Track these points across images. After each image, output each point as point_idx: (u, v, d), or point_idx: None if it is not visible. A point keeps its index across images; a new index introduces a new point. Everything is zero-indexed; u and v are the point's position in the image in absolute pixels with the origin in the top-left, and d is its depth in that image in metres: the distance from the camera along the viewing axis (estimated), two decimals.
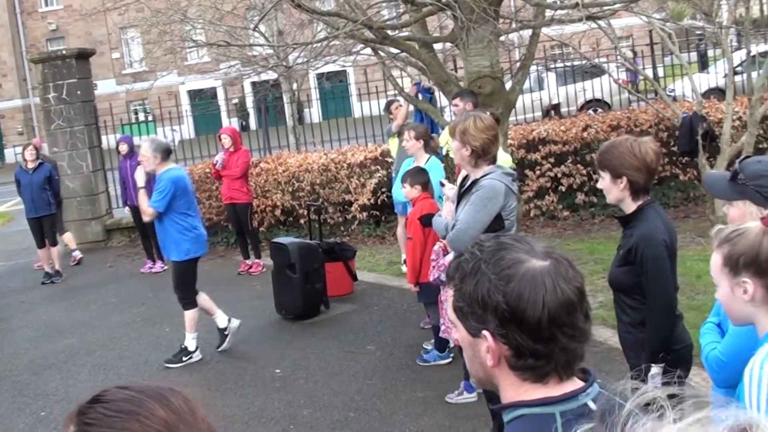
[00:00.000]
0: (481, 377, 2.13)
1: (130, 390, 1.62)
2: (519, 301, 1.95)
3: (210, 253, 15.45)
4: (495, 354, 2.02)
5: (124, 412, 1.57)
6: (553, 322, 1.96)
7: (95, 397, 1.63)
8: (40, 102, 19.07)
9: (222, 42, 14.99)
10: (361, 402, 7.84)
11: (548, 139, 14.18)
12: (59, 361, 10.45)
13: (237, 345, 10.05)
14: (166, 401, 1.58)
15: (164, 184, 9.24)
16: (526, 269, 1.98)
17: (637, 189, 4.61)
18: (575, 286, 2.01)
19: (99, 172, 18.11)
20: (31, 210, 15.11)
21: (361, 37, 11.52)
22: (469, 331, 2.06)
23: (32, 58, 19.61)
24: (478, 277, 2.00)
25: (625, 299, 4.77)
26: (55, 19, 60.76)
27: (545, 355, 1.98)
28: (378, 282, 12.12)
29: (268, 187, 15.12)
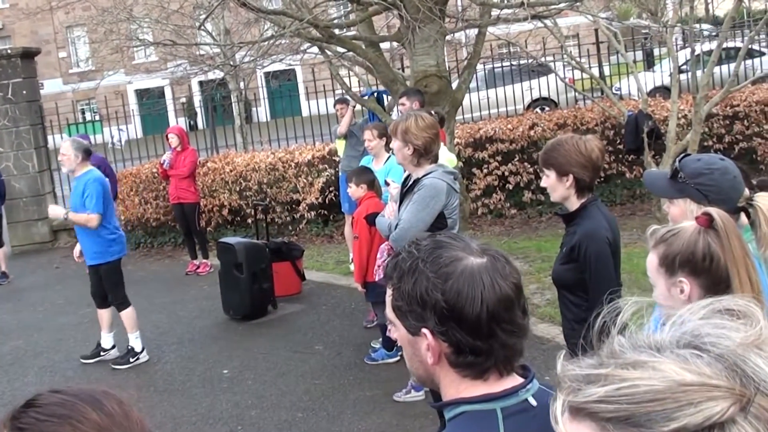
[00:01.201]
0: (422, 375, 2.14)
1: (64, 394, 1.62)
2: (458, 299, 1.96)
3: (157, 253, 15.45)
4: (435, 352, 2.02)
5: (56, 416, 1.57)
6: (492, 318, 1.97)
7: (28, 402, 1.63)
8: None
9: (168, 41, 14.92)
10: (309, 402, 7.84)
11: (495, 138, 14.26)
12: (5, 363, 10.34)
13: (184, 345, 10.01)
14: (100, 405, 1.58)
15: (94, 186, 9.10)
16: (463, 266, 2.00)
17: (582, 186, 4.63)
18: (512, 282, 2.02)
19: (45, 173, 17.93)
20: None
21: (307, 36, 11.53)
22: (408, 329, 2.06)
23: None
24: (417, 276, 2.01)
25: (568, 296, 4.80)
26: (0, 18, 60.08)
27: (485, 351, 1.99)
28: (326, 281, 12.11)
29: (215, 186, 15.07)
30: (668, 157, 12.18)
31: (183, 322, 10.98)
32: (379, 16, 12.83)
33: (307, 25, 10.38)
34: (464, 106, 14.37)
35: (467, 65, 11.90)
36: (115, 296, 9.54)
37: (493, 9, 11.32)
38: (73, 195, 9.40)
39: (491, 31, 12.90)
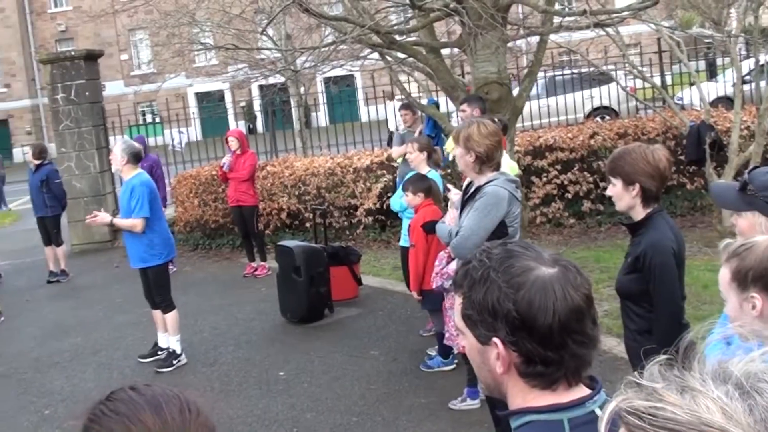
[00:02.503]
0: (490, 384, 2.13)
1: (136, 392, 1.66)
2: (530, 309, 1.95)
3: (216, 255, 15.55)
4: (505, 361, 2.01)
5: (116, 413, 1.61)
6: (564, 329, 1.96)
7: (109, 394, 1.68)
8: (48, 102, 19.09)
9: (230, 45, 15.03)
10: (364, 406, 7.84)
11: (555, 146, 14.17)
12: (64, 359, 10.48)
13: (241, 347, 10.07)
14: (159, 409, 1.60)
15: (140, 190, 9.17)
16: (535, 277, 1.99)
17: (648, 196, 4.59)
18: (583, 293, 2.01)
19: (106, 173, 18.13)
20: (34, 209, 15.21)
21: (368, 42, 11.53)
22: (478, 338, 2.05)
23: (41, 58, 19.64)
24: (488, 285, 2.00)
25: (632, 307, 4.76)
26: (65, 20, 60.91)
27: (555, 362, 1.99)
28: (382, 287, 12.11)
29: (274, 190, 15.14)
30: (730, 169, 12.05)
31: (240, 324, 11.04)
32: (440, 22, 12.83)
33: (369, 31, 10.39)
34: (524, 113, 14.30)
35: (528, 73, 11.85)
36: (161, 298, 9.63)
37: (555, 17, 11.25)
38: (121, 198, 9.52)
39: (553, 39, 12.85)
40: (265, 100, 25.69)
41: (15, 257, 18.30)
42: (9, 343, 11.58)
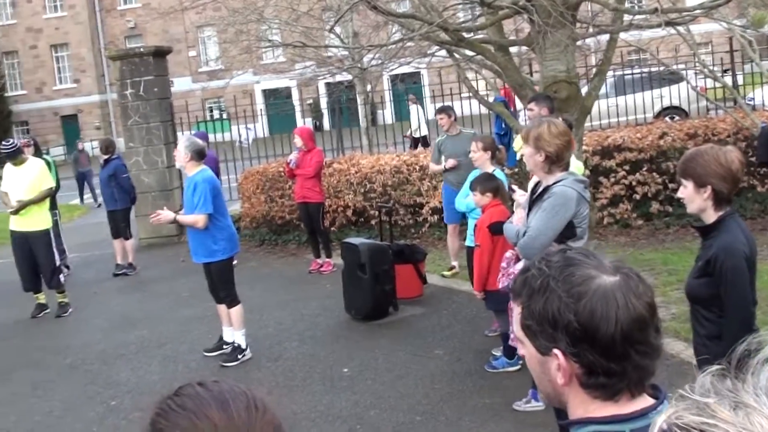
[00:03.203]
0: (550, 394, 2.08)
1: (203, 388, 1.66)
2: (591, 319, 1.90)
3: (281, 251, 15.63)
4: (566, 373, 1.97)
5: (183, 408, 1.61)
6: (626, 339, 1.91)
7: (177, 389, 1.68)
8: (117, 98, 19.33)
9: (298, 43, 15.08)
10: (427, 405, 7.82)
11: (624, 147, 14.01)
12: (130, 352, 10.61)
13: (306, 342, 10.10)
14: (225, 406, 1.60)
15: (203, 186, 9.25)
16: (597, 285, 1.93)
17: (720, 199, 4.51)
18: (646, 302, 1.95)
19: (174, 168, 18.30)
20: (105, 203, 15.42)
21: (436, 39, 11.50)
22: (538, 349, 2.01)
23: (110, 54, 19.89)
24: (548, 295, 1.96)
25: (702, 311, 4.68)
26: (134, 17, 61.70)
27: (618, 373, 1.94)
28: (447, 286, 12.07)
29: (340, 187, 15.17)
30: None
31: (305, 320, 11.08)
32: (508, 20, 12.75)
33: (437, 28, 10.36)
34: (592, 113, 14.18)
35: (597, 71, 11.72)
36: (226, 293, 9.69)
37: (626, 15, 11.13)
38: (185, 194, 9.61)
39: (622, 37, 12.70)
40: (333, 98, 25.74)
41: (83, 250, 18.57)
42: (76, 335, 11.75)
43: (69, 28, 62.39)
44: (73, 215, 25.82)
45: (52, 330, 12.19)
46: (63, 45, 63.09)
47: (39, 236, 12.55)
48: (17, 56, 63.56)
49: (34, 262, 12.68)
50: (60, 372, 10.17)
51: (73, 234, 20.46)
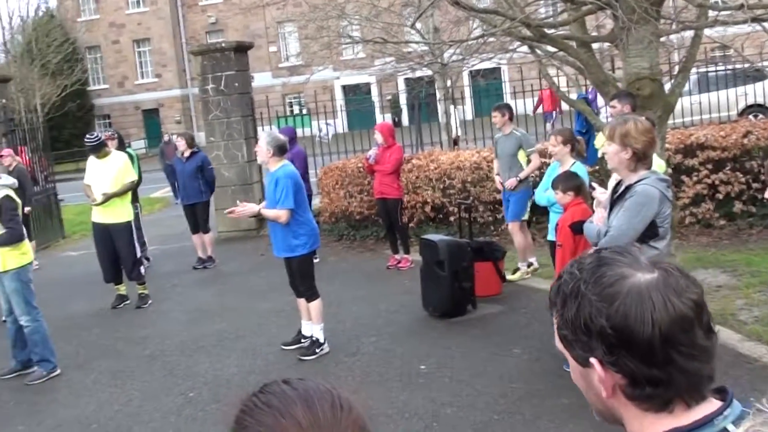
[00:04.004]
0: (600, 410, 1.92)
1: (289, 385, 1.66)
2: (625, 323, 1.76)
3: (360, 246, 15.66)
4: (608, 384, 1.82)
5: (268, 406, 1.62)
6: (667, 341, 1.75)
7: (263, 386, 1.70)
8: (198, 93, 19.55)
9: (379, 39, 15.12)
10: (504, 405, 7.75)
11: (707, 145, 13.77)
12: (209, 344, 10.70)
13: (383, 338, 10.10)
14: (311, 404, 1.59)
15: (285, 181, 9.27)
16: (630, 285, 1.78)
17: None
18: (690, 299, 1.79)
19: (254, 163, 18.44)
20: (185, 197, 15.57)
21: (518, 35, 11.41)
22: (577, 360, 1.87)
23: (192, 50, 20.13)
24: (579, 300, 1.82)
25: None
26: (215, 13, 62.37)
27: (664, 381, 1.77)
28: (526, 284, 11.97)
29: (419, 183, 15.14)
30: None
31: (382, 316, 11.08)
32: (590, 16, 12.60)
33: (519, 23, 10.28)
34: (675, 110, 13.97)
35: (682, 68, 11.54)
36: (306, 287, 9.71)
37: (711, 11, 10.93)
38: (267, 189, 9.61)
39: (707, 34, 12.49)
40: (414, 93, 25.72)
41: (164, 242, 18.83)
42: (156, 326, 11.90)
43: (151, 24, 63.32)
44: (154, 208, 26.19)
45: (132, 321, 12.36)
46: (145, 40, 64.06)
47: (121, 228, 12.73)
48: (100, 51, 64.70)
49: (116, 253, 12.86)
50: (139, 362, 10.30)
51: (154, 226, 20.76)
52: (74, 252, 19.33)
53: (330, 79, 45.19)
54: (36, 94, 43.64)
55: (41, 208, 19.72)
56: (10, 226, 9.60)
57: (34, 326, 9.91)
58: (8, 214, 9.62)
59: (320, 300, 9.79)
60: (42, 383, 9.83)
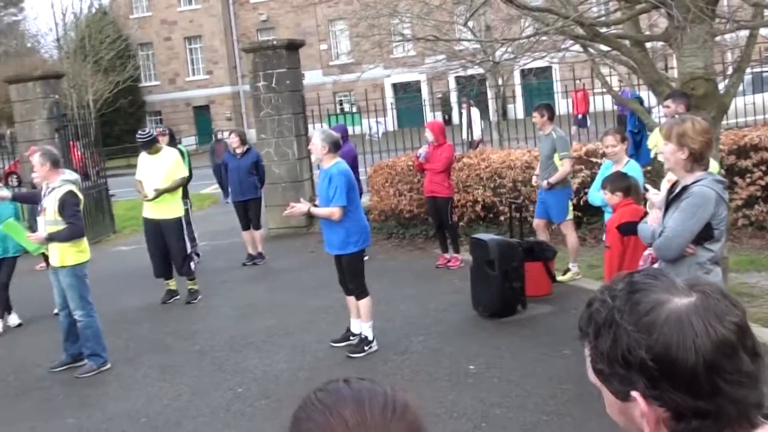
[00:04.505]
0: None
1: (344, 385, 1.65)
2: (667, 353, 1.66)
3: (409, 245, 15.65)
4: (651, 418, 1.72)
5: (321, 403, 1.61)
6: (712, 369, 1.65)
7: (323, 384, 1.68)
8: (249, 90, 19.61)
9: (431, 36, 15.07)
10: (554, 406, 7.69)
11: (761, 146, 13.59)
12: (258, 340, 10.74)
13: (432, 337, 10.06)
14: (360, 405, 1.59)
15: (338, 179, 9.31)
16: (668, 312, 1.69)
17: None
18: (732, 322, 1.69)
19: (304, 160, 18.51)
20: (238, 193, 15.61)
21: (571, 34, 11.33)
22: (615, 395, 1.77)
23: (244, 47, 20.19)
24: (614, 330, 1.73)
25: None
26: (266, 10, 62.64)
27: (711, 413, 1.67)
28: (577, 285, 11.87)
29: (469, 182, 15.08)
30: None
31: (431, 315, 11.04)
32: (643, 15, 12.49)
33: (572, 22, 10.20)
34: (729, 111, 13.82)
35: (736, 68, 11.39)
36: (356, 285, 9.71)
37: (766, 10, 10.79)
38: (320, 186, 9.62)
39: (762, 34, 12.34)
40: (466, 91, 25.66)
41: (213, 238, 18.93)
42: (205, 321, 11.97)
43: (202, 21, 63.72)
44: (204, 204, 26.33)
45: (181, 316, 12.44)
46: (196, 37, 64.49)
47: (171, 224, 12.81)
48: (152, 48, 65.24)
49: (166, 249, 12.95)
50: (188, 357, 10.37)
51: (204, 223, 20.88)
52: (125, 247, 19.49)
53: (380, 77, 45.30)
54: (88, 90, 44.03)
55: (93, 204, 19.89)
56: (71, 221, 9.72)
57: (87, 321, 10.01)
58: (71, 209, 9.74)
59: (370, 298, 9.78)
60: (92, 377, 9.92)
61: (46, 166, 9.80)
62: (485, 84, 24.50)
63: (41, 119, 19.59)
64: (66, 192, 9.74)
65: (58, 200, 9.70)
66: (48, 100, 19.67)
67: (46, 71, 21.92)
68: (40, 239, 9.84)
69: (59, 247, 9.78)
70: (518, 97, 27.07)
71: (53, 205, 9.71)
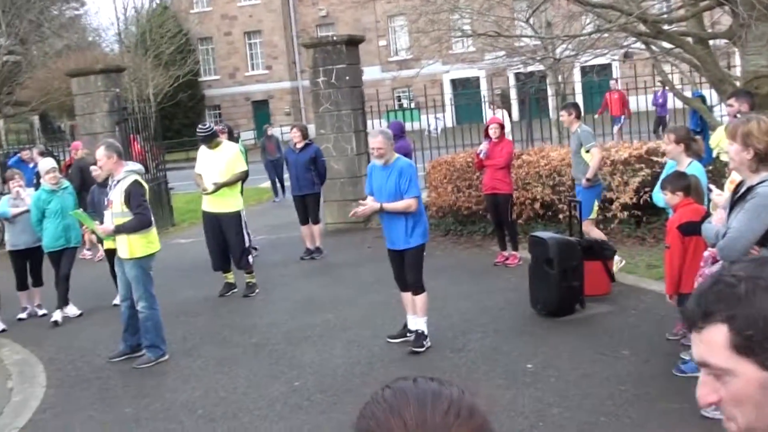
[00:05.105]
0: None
1: (412, 384, 1.62)
2: None
3: (466, 242, 15.61)
4: None
5: (384, 401, 1.59)
6: None
7: (392, 381, 1.66)
8: (309, 85, 19.68)
9: (492, 32, 15.01)
10: (612, 407, 7.61)
11: None
12: (315, 334, 10.77)
13: (489, 335, 10.03)
14: (423, 407, 1.55)
15: (410, 171, 9.36)
16: None
17: None
18: None
19: (363, 156, 18.52)
20: (296, 188, 15.67)
21: (633, 31, 11.24)
22: (764, 365, 1.62)
23: (304, 42, 20.25)
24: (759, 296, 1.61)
25: None
26: (326, 6, 62.77)
27: None
28: (636, 284, 11.73)
29: (528, 179, 14.97)
30: None
31: (489, 312, 10.99)
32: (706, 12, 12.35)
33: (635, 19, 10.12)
34: None
35: None
36: (415, 279, 9.66)
37: None
38: (381, 182, 9.47)
39: None
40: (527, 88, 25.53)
41: (271, 233, 19.02)
42: (262, 315, 12.03)
43: (262, 16, 64.02)
44: (262, 198, 26.47)
45: (239, 309, 12.51)
46: (256, 32, 64.80)
47: (230, 218, 12.89)
48: (212, 42, 65.66)
49: (225, 242, 13.03)
50: (245, 350, 10.42)
51: (262, 217, 21.00)
52: (183, 240, 19.64)
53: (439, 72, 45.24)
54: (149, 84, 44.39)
55: (152, 197, 20.00)
56: (138, 211, 9.85)
57: (149, 313, 10.11)
58: (137, 199, 9.87)
59: (426, 294, 9.74)
60: (150, 367, 10.01)
61: (112, 158, 9.93)
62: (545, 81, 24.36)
63: (102, 112, 19.79)
64: (131, 182, 9.88)
65: (124, 191, 9.82)
66: (109, 94, 19.87)
67: (108, 65, 22.13)
68: (108, 231, 9.97)
69: (128, 239, 9.89)
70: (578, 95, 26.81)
71: (120, 196, 9.83)
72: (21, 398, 9.49)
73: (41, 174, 12.75)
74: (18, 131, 34.49)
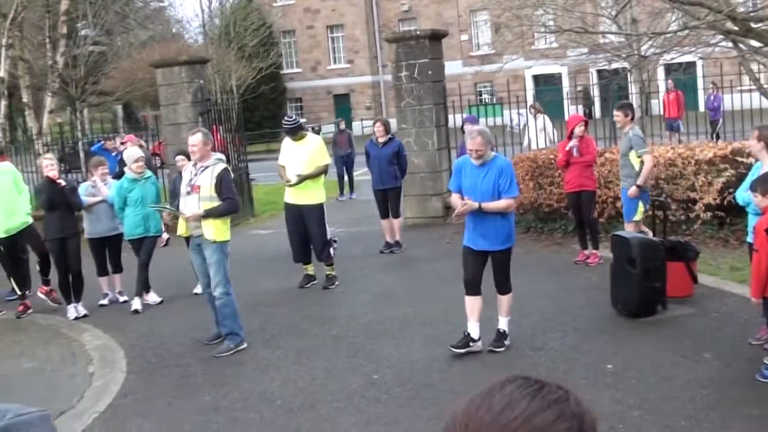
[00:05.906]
0: None
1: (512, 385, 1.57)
2: None
3: (547, 239, 15.53)
4: None
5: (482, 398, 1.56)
6: None
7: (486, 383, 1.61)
8: (391, 80, 19.71)
9: (578, 28, 14.89)
10: (693, 411, 7.52)
11: None
12: (394, 327, 10.81)
13: (569, 334, 9.96)
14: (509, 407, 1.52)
15: (510, 169, 9.28)
16: None
17: None
18: None
19: (443, 151, 18.53)
20: (378, 182, 15.72)
21: (722, 28, 11.06)
22: None
23: (387, 37, 20.31)
24: None
25: None
26: (408, 0, 62.65)
27: None
28: (718, 287, 11.54)
29: (611, 177, 14.81)
30: None
31: (569, 311, 10.92)
32: None
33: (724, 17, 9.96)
34: None
35: None
36: (505, 279, 9.57)
37: None
38: (482, 181, 9.23)
39: None
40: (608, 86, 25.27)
41: (351, 226, 19.11)
42: (342, 307, 12.10)
43: (345, 10, 64.18)
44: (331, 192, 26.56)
45: (318, 301, 12.59)
46: (338, 26, 65.00)
47: (313, 210, 12.98)
48: (294, 35, 66.01)
49: (306, 234, 13.12)
50: (324, 342, 10.49)
51: (341, 210, 21.10)
52: (263, 231, 19.82)
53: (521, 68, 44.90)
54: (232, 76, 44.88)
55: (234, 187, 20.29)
56: (229, 196, 10.10)
57: (226, 299, 10.24)
58: (228, 185, 10.17)
59: (512, 294, 9.69)
60: (229, 356, 10.13)
61: (208, 145, 10.25)
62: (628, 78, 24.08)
63: (185, 103, 20.04)
64: (223, 169, 10.16)
65: (215, 177, 10.06)
66: (193, 85, 20.11)
67: (192, 56, 22.43)
68: (197, 216, 10.10)
69: (213, 223, 10.05)
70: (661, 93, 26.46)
71: (210, 182, 10.03)
72: (102, 383, 9.66)
73: (127, 162, 12.96)
74: (102, 120, 35.05)
